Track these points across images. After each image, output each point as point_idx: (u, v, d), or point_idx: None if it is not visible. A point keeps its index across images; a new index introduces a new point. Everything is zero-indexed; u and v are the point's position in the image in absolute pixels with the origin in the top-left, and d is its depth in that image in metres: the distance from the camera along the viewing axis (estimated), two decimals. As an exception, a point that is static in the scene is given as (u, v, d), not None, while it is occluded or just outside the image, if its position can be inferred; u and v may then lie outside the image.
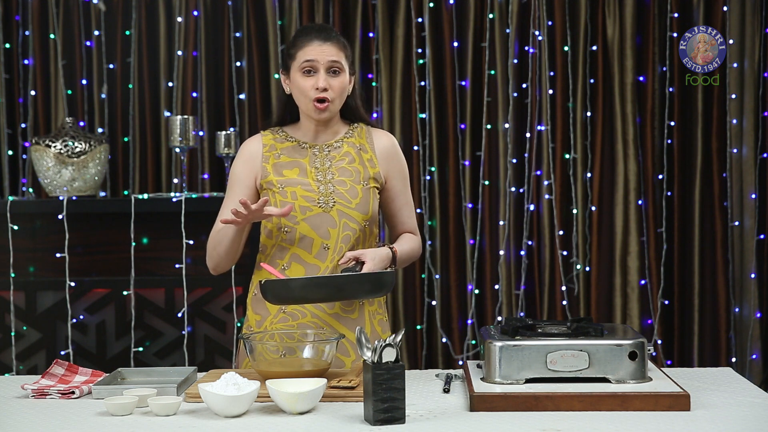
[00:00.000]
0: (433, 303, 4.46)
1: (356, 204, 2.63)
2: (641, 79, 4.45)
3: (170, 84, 4.48)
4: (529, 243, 4.47)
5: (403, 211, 2.77)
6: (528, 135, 4.46)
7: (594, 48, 4.45)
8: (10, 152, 4.50)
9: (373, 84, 4.46)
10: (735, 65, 4.43)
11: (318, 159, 2.69)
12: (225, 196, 2.74)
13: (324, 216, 2.61)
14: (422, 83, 4.47)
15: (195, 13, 4.47)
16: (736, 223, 4.47)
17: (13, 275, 3.77)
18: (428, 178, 4.47)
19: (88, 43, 4.50)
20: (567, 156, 4.46)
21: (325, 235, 2.61)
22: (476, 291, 4.46)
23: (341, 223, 2.61)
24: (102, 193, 4.39)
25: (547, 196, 4.45)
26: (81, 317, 3.80)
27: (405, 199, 2.77)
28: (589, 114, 4.46)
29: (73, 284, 3.77)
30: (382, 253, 2.59)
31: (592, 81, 4.46)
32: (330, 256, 2.61)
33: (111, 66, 4.49)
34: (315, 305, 2.61)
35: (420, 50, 4.46)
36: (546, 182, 4.44)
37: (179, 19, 4.45)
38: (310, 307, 2.61)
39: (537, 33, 4.44)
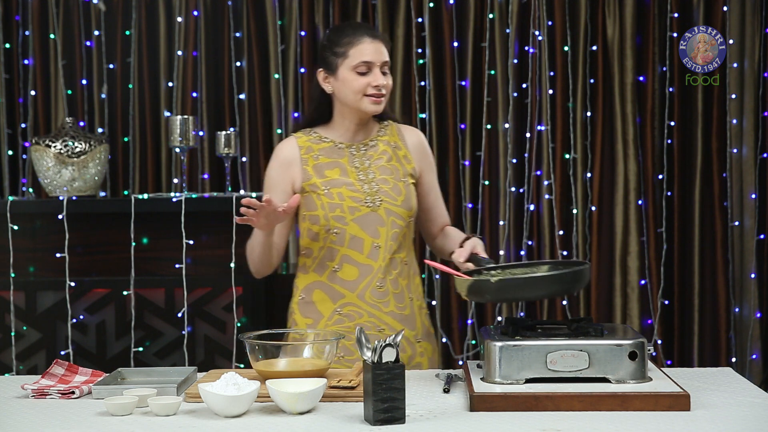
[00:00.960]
0: (433, 303, 4.46)
1: (401, 201, 2.65)
2: (641, 79, 4.45)
3: (170, 84, 4.48)
4: (529, 243, 4.47)
5: (438, 204, 2.82)
6: (528, 135, 4.46)
7: (594, 48, 4.45)
8: (10, 152, 4.50)
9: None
10: (735, 65, 4.43)
11: (356, 158, 2.69)
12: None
13: (372, 215, 2.62)
14: (422, 83, 4.47)
15: (195, 13, 4.47)
16: (736, 223, 4.47)
17: (13, 275, 3.77)
18: (428, 178, 4.47)
19: (88, 43, 4.50)
20: (567, 156, 4.46)
21: (375, 234, 2.62)
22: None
23: (389, 221, 2.63)
24: (102, 193, 4.39)
25: (547, 196, 4.45)
26: (81, 317, 3.80)
27: (438, 192, 2.82)
28: (589, 114, 4.46)
29: (73, 284, 3.77)
30: (481, 242, 2.61)
31: (592, 81, 4.46)
32: (382, 255, 2.62)
33: (111, 66, 4.49)
34: (372, 305, 2.61)
35: (420, 50, 4.46)
36: (546, 182, 4.44)
37: (179, 19, 4.45)
38: (367, 306, 2.62)
39: (537, 33, 4.44)
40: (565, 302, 4.42)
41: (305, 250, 2.69)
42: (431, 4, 4.44)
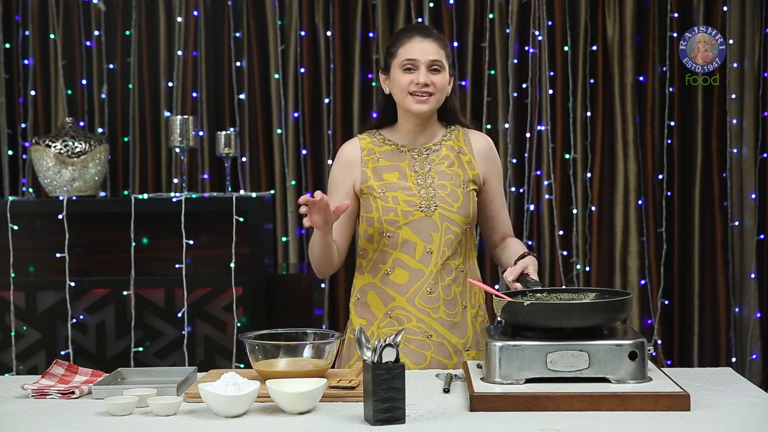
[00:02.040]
0: (433, 303, 4.46)
1: (458, 207, 2.63)
2: (641, 79, 4.45)
3: (170, 84, 4.48)
4: (529, 243, 4.47)
5: (502, 213, 2.78)
6: (528, 135, 4.46)
7: (594, 48, 4.45)
8: (10, 152, 4.50)
9: (373, 84, 4.45)
10: (735, 65, 4.43)
11: (417, 162, 2.67)
12: None
13: (426, 220, 2.61)
14: (422, 83, 4.46)
15: (195, 13, 4.47)
16: (736, 223, 4.47)
17: (13, 275, 3.77)
18: (428, 178, 4.47)
19: (88, 43, 4.50)
20: (567, 156, 4.46)
21: (427, 239, 2.61)
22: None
23: (443, 227, 2.61)
24: (102, 193, 4.39)
25: (547, 196, 4.45)
26: (81, 317, 3.80)
27: (502, 200, 2.77)
28: (589, 114, 4.46)
29: (73, 284, 3.77)
30: (534, 261, 2.60)
31: (592, 81, 4.46)
32: (434, 261, 2.61)
33: (111, 66, 4.49)
34: (421, 310, 2.61)
35: (420, 50, 4.46)
36: (546, 182, 4.44)
37: (179, 19, 4.46)
38: (416, 311, 2.61)
39: (537, 33, 4.44)
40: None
41: (362, 251, 2.70)
42: (431, 4, 4.44)
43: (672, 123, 4.45)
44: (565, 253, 4.46)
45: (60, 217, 3.75)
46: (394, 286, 2.63)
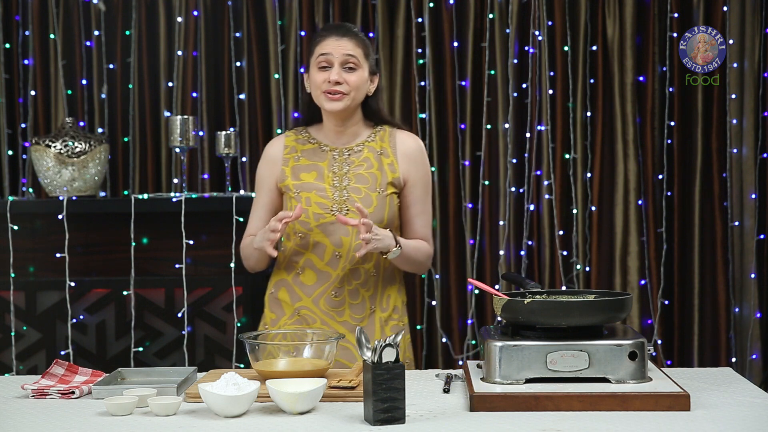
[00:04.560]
0: (433, 303, 4.46)
1: (370, 213, 2.59)
2: (641, 79, 4.45)
3: (170, 84, 4.48)
4: (529, 243, 4.47)
5: (418, 220, 2.70)
6: (528, 135, 4.46)
7: (594, 48, 4.45)
8: (10, 152, 4.50)
9: (373, 84, 4.45)
10: (735, 65, 4.43)
11: (337, 163, 2.66)
12: (253, 200, 2.74)
13: (337, 224, 2.60)
14: (422, 83, 4.47)
15: (195, 13, 4.47)
16: (736, 223, 4.47)
17: (13, 275, 3.77)
18: (428, 178, 4.47)
19: (88, 43, 4.50)
20: (567, 156, 4.46)
21: (338, 243, 2.60)
22: (476, 291, 4.46)
23: (354, 231, 2.60)
24: (102, 193, 4.39)
25: (547, 196, 4.45)
26: (81, 317, 3.80)
27: (422, 207, 2.70)
28: (589, 114, 4.46)
29: (73, 284, 3.77)
30: (388, 232, 2.56)
31: (592, 81, 4.46)
32: (341, 265, 2.60)
33: (111, 66, 4.49)
34: (325, 313, 2.61)
35: (420, 50, 4.46)
36: (546, 182, 4.44)
37: (179, 19, 4.45)
38: (320, 313, 2.61)
39: (537, 33, 4.44)
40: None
41: (283, 247, 2.70)
42: (431, 4, 4.44)
43: (672, 123, 4.45)
44: (565, 253, 4.46)
45: (60, 217, 3.75)
46: (303, 287, 2.63)
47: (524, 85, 4.47)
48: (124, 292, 3.79)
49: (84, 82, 4.49)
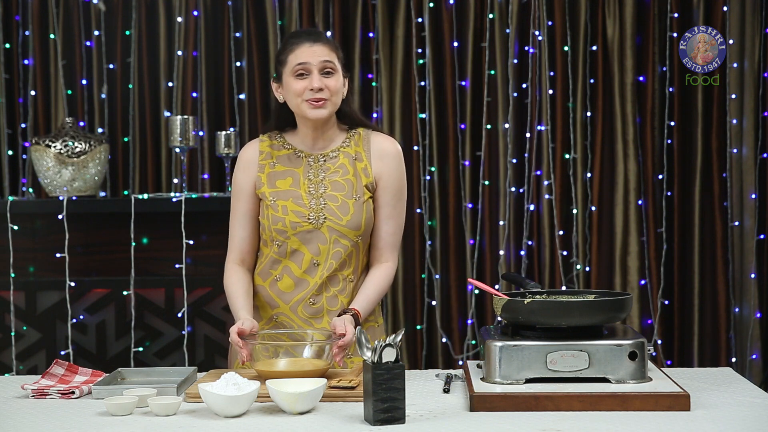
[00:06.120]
0: (433, 303, 4.46)
1: (347, 221, 2.57)
2: (641, 79, 4.45)
3: (170, 84, 4.48)
4: (529, 243, 4.47)
5: (385, 225, 2.64)
6: (528, 135, 4.46)
7: (594, 48, 4.45)
8: (10, 152, 4.50)
9: (373, 84, 4.45)
10: (735, 65, 4.43)
11: (312, 170, 2.63)
12: (231, 209, 2.69)
13: (315, 232, 2.57)
14: (422, 83, 4.47)
15: (195, 13, 4.47)
16: (736, 223, 4.47)
17: (13, 275, 3.77)
18: (428, 178, 4.47)
19: (88, 43, 4.50)
20: (567, 156, 4.46)
21: (315, 251, 2.58)
22: (476, 291, 4.46)
23: (332, 239, 2.57)
24: (102, 193, 4.39)
25: (547, 196, 4.45)
26: (81, 317, 3.80)
27: (391, 212, 2.64)
28: (589, 114, 4.46)
29: (73, 284, 3.77)
30: (350, 319, 2.46)
31: (592, 81, 4.46)
32: (320, 273, 2.58)
33: (111, 66, 4.49)
34: (303, 320, 2.59)
35: (420, 50, 4.46)
36: (546, 182, 4.44)
37: (179, 19, 4.45)
38: (298, 320, 2.60)
39: (537, 33, 4.44)
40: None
41: (260, 251, 2.68)
42: (431, 4, 4.44)
43: (672, 123, 4.45)
44: (565, 253, 4.46)
45: (60, 217, 3.75)
46: (280, 293, 2.61)
47: (524, 85, 4.47)
48: (124, 292, 3.79)
49: (84, 82, 4.49)
